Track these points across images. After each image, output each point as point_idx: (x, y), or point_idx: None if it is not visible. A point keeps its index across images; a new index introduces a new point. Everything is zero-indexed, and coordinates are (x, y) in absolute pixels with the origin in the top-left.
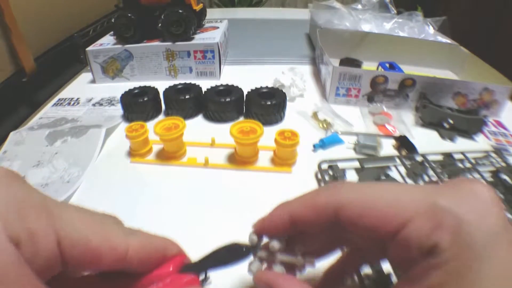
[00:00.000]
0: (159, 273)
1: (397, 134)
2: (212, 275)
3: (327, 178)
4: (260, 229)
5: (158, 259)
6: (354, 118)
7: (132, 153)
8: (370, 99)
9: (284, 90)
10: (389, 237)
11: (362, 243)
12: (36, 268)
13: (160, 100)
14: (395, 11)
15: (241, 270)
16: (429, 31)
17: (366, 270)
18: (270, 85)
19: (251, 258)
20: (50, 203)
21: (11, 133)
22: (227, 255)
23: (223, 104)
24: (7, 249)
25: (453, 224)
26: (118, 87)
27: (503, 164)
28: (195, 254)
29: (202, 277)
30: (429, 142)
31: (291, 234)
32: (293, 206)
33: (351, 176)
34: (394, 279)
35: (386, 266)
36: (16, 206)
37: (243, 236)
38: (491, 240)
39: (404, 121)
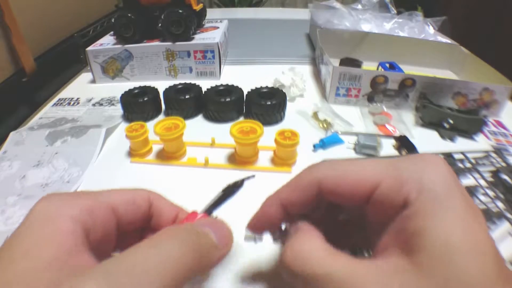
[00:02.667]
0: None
1: (397, 134)
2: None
3: None
4: (255, 226)
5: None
6: (354, 118)
7: (132, 153)
8: (370, 99)
9: (284, 90)
10: (365, 200)
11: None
12: (98, 236)
13: (160, 100)
14: (395, 11)
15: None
16: (429, 31)
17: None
18: (270, 85)
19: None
20: (94, 192)
21: (11, 133)
22: (225, 195)
23: (223, 104)
24: (76, 231)
25: (415, 180)
26: (118, 87)
27: (503, 164)
28: None
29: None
30: (429, 142)
31: (285, 221)
32: (281, 193)
33: None
34: None
35: None
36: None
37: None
38: (447, 192)
39: (404, 121)
